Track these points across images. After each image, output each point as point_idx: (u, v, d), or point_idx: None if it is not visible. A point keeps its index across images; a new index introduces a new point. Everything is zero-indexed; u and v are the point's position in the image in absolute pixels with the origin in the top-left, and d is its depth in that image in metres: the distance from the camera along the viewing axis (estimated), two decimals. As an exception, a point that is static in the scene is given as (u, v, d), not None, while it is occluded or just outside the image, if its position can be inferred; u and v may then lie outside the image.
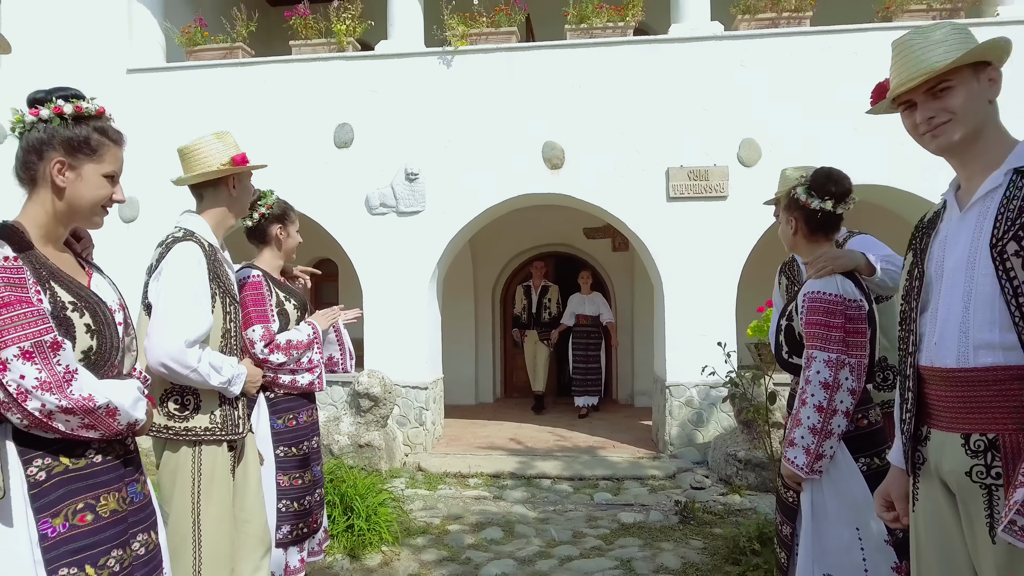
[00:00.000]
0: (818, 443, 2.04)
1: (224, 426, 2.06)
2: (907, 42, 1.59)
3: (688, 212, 5.80)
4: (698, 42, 5.86)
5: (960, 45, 1.53)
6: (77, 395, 1.35)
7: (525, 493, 4.97)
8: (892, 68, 1.65)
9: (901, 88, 1.57)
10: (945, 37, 1.55)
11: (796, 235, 2.25)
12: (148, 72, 6.50)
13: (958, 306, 1.42)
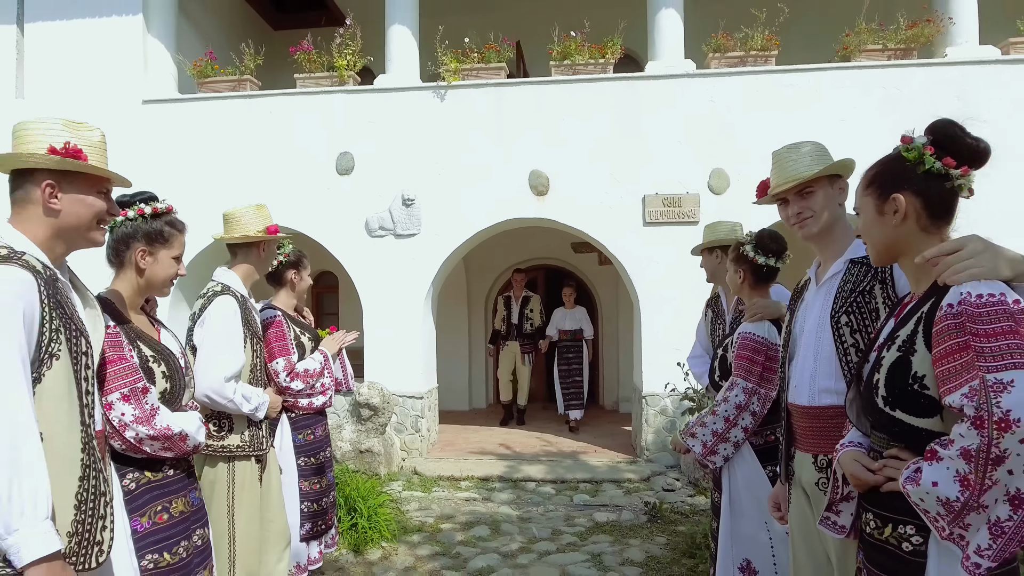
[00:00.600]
0: (714, 443, 2.57)
1: (252, 444, 2.55)
2: (784, 155, 2.11)
3: (662, 236, 6.30)
4: (672, 79, 6.36)
5: (821, 161, 2.05)
6: (159, 426, 1.84)
7: (511, 495, 5.46)
8: (772, 172, 2.16)
9: (778, 189, 2.08)
10: (811, 152, 2.07)
11: (743, 283, 2.76)
12: (162, 103, 6.97)
13: (810, 359, 1.92)
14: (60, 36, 7.09)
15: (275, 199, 6.70)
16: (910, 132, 1.54)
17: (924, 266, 1.44)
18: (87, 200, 1.61)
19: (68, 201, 1.57)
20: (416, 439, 6.54)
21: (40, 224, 1.55)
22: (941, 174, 1.44)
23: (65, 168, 1.55)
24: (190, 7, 7.64)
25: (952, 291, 1.33)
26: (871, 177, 1.56)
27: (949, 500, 1.22)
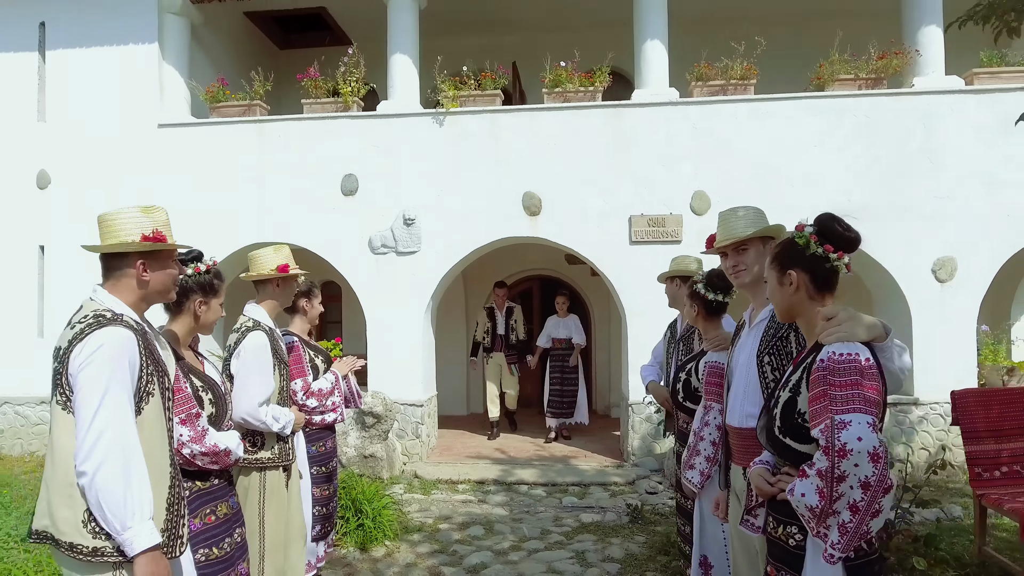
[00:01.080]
0: (709, 468, 2.94)
1: (280, 456, 2.96)
2: (727, 215, 2.53)
3: (647, 254, 6.71)
4: (656, 107, 6.78)
5: (756, 224, 2.47)
6: (209, 444, 2.25)
7: (505, 497, 5.88)
8: (717, 228, 2.58)
9: (719, 244, 2.50)
10: (748, 216, 2.49)
11: (698, 316, 3.18)
12: (177, 127, 7.38)
13: (741, 389, 2.34)
14: (80, 63, 7.51)
15: (284, 218, 7.17)
16: (805, 221, 1.95)
17: (812, 324, 1.86)
18: (168, 271, 2.03)
19: (155, 273, 1.99)
20: (416, 444, 6.95)
21: (132, 291, 1.96)
22: (822, 257, 1.86)
23: (154, 250, 1.96)
24: (202, 33, 8.05)
25: (824, 349, 1.74)
26: (774, 255, 1.98)
27: (813, 507, 1.63)
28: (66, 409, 1.78)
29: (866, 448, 1.57)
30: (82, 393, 1.74)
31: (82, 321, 1.83)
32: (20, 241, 7.53)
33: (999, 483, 3.78)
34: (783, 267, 1.92)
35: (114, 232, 1.95)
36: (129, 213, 1.97)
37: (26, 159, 7.54)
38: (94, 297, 1.95)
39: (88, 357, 1.75)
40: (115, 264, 1.96)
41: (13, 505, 5.22)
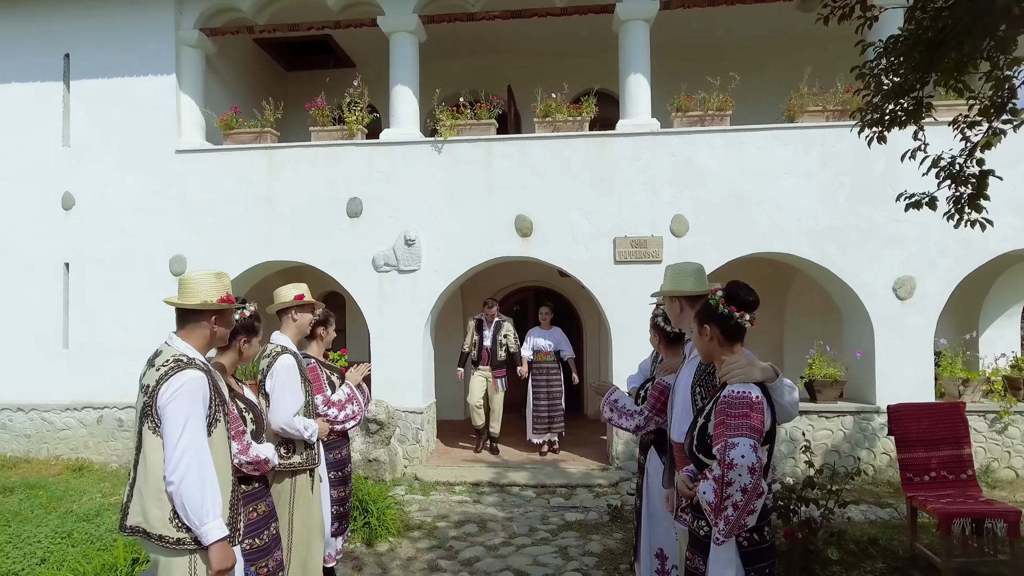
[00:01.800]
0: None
1: (308, 461, 3.50)
2: (675, 270, 3.05)
3: (630, 273, 7.25)
4: (638, 137, 7.31)
5: (699, 281, 2.99)
6: (253, 455, 2.78)
7: (497, 498, 6.41)
8: (666, 278, 3.11)
9: (667, 293, 3.03)
10: (694, 272, 3.02)
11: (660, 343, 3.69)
12: (193, 153, 7.91)
13: (679, 410, 2.87)
14: (102, 92, 8.04)
15: (293, 238, 7.70)
16: (719, 285, 2.49)
17: (717, 366, 2.40)
18: (228, 324, 2.58)
19: (220, 327, 2.53)
20: (417, 449, 7.48)
21: (203, 339, 2.50)
22: (729, 315, 2.39)
23: (225, 309, 2.50)
24: (214, 61, 8.59)
25: (727, 387, 2.28)
26: (696, 312, 2.52)
27: (710, 502, 2.17)
28: (155, 433, 2.30)
29: (747, 464, 2.10)
30: (169, 422, 2.27)
31: (165, 364, 2.36)
32: (46, 259, 8.06)
33: (927, 487, 4.32)
34: (701, 322, 2.46)
35: (195, 293, 2.47)
36: (206, 278, 2.51)
37: (52, 182, 8.07)
38: (171, 343, 2.47)
39: (173, 394, 2.28)
40: (192, 318, 2.49)
41: (51, 506, 5.74)
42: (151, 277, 7.86)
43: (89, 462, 7.78)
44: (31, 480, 6.75)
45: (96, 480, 7.08)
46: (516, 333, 7.99)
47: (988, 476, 6.79)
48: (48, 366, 8.02)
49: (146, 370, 2.42)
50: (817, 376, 7.14)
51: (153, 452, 2.29)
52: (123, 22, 8.00)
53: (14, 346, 8.07)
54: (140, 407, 2.36)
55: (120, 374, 7.78)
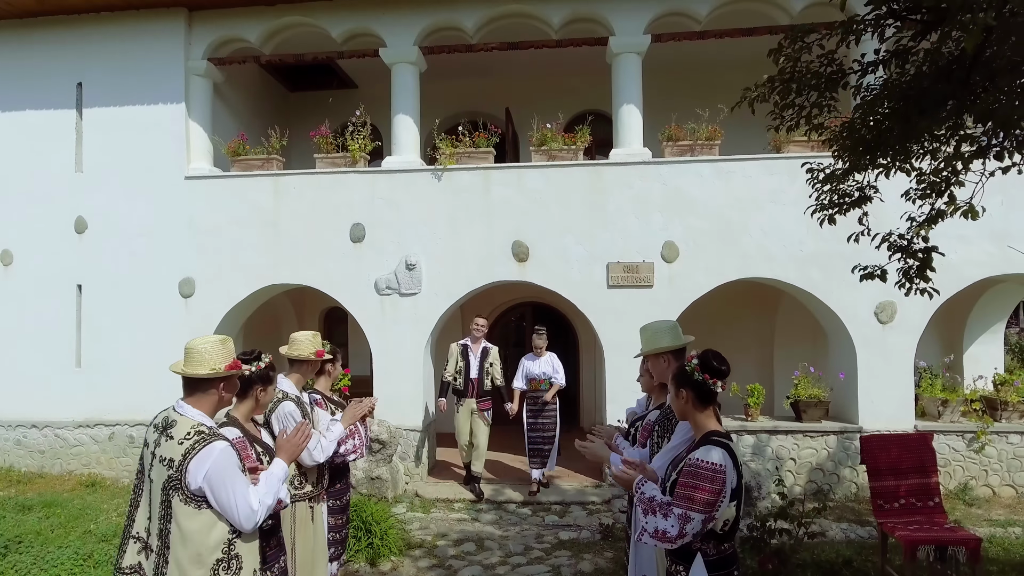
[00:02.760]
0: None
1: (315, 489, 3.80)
2: (652, 330, 3.33)
3: (623, 297, 7.53)
4: (630, 166, 7.60)
5: (675, 337, 3.27)
6: None
7: (495, 516, 6.69)
8: (643, 340, 3.39)
9: (647, 352, 3.31)
10: (668, 329, 3.30)
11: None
12: (202, 179, 8.20)
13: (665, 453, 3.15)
14: (114, 119, 8.33)
15: (298, 262, 7.99)
16: (694, 354, 2.77)
17: (697, 426, 2.68)
18: (234, 387, 2.84)
19: (228, 392, 2.80)
20: (417, 465, 7.77)
21: (212, 404, 2.75)
22: (702, 382, 2.67)
23: (232, 376, 2.77)
24: (223, 88, 8.87)
25: (692, 453, 2.56)
26: (672, 376, 2.80)
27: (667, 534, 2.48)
28: (188, 504, 2.55)
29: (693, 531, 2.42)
30: (219, 489, 2.53)
31: (188, 438, 2.59)
32: (60, 280, 8.35)
33: (896, 513, 4.60)
34: (678, 385, 2.74)
35: (203, 361, 2.73)
36: (212, 346, 2.76)
37: (65, 206, 8.36)
38: (183, 412, 2.69)
39: (210, 468, 2.54)
40: (201, 386, 2.73)
41: (70, 525, 6.03)
42: (161, 299, 8.14)
43: (101, 478, 8.07)
44: (47, 497, 7.03)
45: (109, 496, 7.36)
46: (501, 364, 7.52)
47: (966, 494, 7.07)
48: (61, 384, 8.31)
49: (160, 439, 2.64)
50: (802, 397, 7.42)
51: (187, 520, 2.54)
52: (134, 52, 8.28)
53: (29, 364, 8.36)
54: (162, 479, 2.58)
55: (131, 392, 8.08)
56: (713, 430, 2.68)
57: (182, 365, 2.75)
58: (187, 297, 8.15)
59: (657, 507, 2.58)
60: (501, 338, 11.11)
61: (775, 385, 8.91)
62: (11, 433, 8.42)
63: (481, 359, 7.33)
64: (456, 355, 7.35)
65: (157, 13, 8.22)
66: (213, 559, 2.61)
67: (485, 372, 7.31)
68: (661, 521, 2.53)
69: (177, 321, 8.10)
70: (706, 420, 2.71)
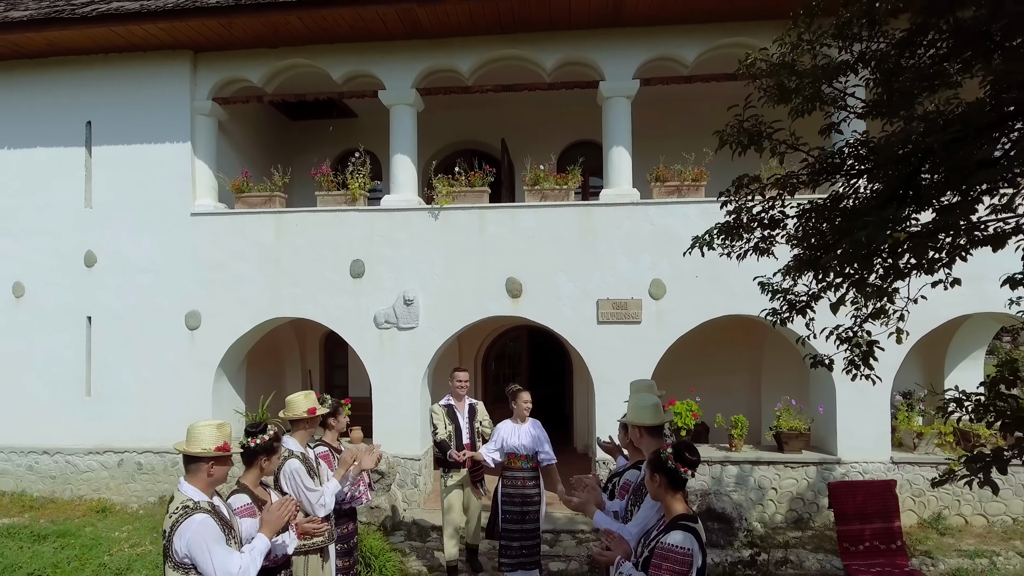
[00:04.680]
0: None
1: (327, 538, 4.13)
2: (637, 402, 3.65)
3: (612, 332, 7.85)
4: (619, 206, 7.92)
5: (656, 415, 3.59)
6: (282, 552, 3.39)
7: (488, 545, 7.00)
8: (629, 408, 3.70)
9: (629, 422, 3.64)
10: (651, 407, 3.62)
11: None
12: (208, 216, 8.50)
13: (641, 519, 3.47)
14: (122, 157, 8.63)
15: (300, 296, 8.30)
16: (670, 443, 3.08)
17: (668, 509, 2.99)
18: (225, 468, 3.16)
19: (218, 469, 3.11)
20: (415, 493, 8.09)
21: (204, 482, 3.08)
22: (674, 469, 2.99)
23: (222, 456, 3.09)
24: (227, 125, 9.18)
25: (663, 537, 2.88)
26: (648, 462, 3.11)
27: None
28: (175, 570, 2.90)
29: None
30: (197, 556, 2.87)
31: (175, 512, 2.95)
32: (70, 312, 8.65)
33: (861, 555, 4.93)
34: (652, 470, 3.06)
35: (196, 441, 3.07)
36: (207, 429, 3.10)
37: (75, 241, 8.67)
38: (181, 489, 3.06)
39: (190, 537, 2.87)
40: (194, 463, 3.07)
41: (84, 557, 6.34)
42: (167, 330, 8.46)
43: (111, 503, 8.38)
44: (61, 526, 7.34)
45: (119, 523, 7.67)
46: (490, 419, 6.42)
47: (939, 523, 7.39)
48: (72, 412, 8.62)
49: (165, 514, 3.03)
50: (784, 428, 7.75)
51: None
52: (142, 92, 8.58)
53: (40, 392, 8.68)
54: (161, 549, 2.94)
55: (138, 420, 8.40)
56: (682, 514, 2.99)
57: (184, 444, 3.10)
58: (193, 329, 8.45)
59: None
60: (498, 358, 11.45)
61: (762, 412, 9.24)
62: (23, 459, 8.73)
63: (470, 419, 6.16)
64: (443, 418, 6.10)
65: (164, 55, 8.53)
66: None
67: (477, 434, 6.15)
68: None
69: (183, 352, 8.42)
70: (676, 504, 3.02)
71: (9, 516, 7.96)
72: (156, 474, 8.49)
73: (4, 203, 8.80)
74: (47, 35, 8.10)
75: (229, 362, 8.58)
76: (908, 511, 7.44)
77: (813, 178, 3.69)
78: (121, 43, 8.35)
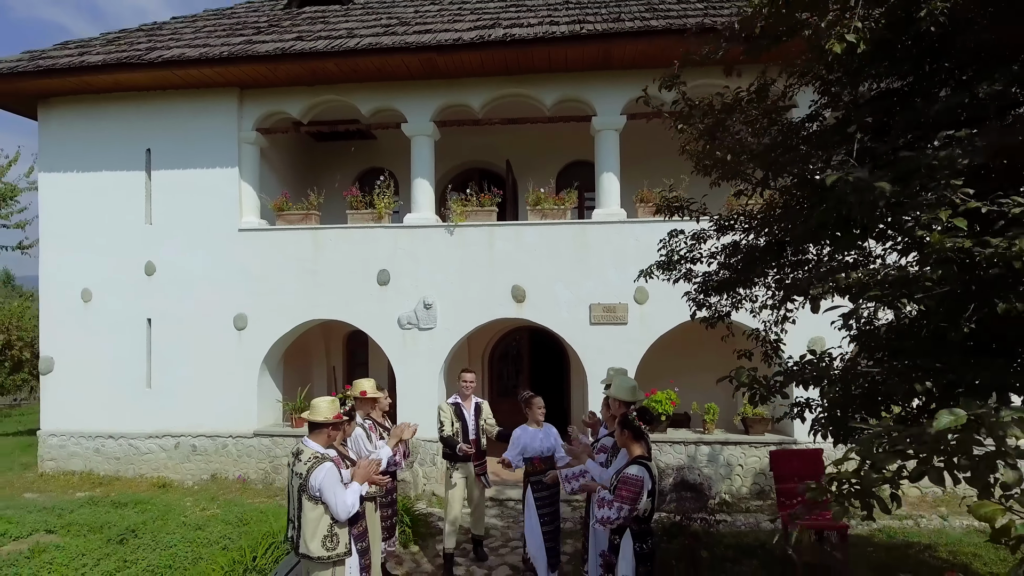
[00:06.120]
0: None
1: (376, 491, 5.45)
2: (619, 382, 4.98)
3: (603, 333, 9.17)
4: (609, 224, 9.24)
5: (633, 393, 4.92)
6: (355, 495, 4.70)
7: (498, 511, 8.33)
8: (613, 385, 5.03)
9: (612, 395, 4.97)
10: (631, 388, 4.95)
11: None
12: (253, 231, 9.83)
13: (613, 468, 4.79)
14: (178, 181, 9.96)
15: (333, 302, 9.61)
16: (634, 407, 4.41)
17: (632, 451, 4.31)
18: (339, 431, 4.48)
19: (334, 433, 4.44)
20: (433, 470, 9.40)
21: (325, 440, 4.40)
22: (638, 426, 4.30)
23: (336, 422, 4.41)
24: (267, 151, 10.50)
25: (627, 468, 4.20)
26: (618, 421, 4.42)
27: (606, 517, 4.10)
28: (311, 501, 4.18)
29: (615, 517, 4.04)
30: (326, 492, 4.16)
31: (310, 461, 4.25)
32: (133, 315, 9.97)
33: (795, 507, 6.23)
34: (622, 427, 4.37)
35: (319, 413, 4.38)
36: (326, 404, 4.42)
37: (137, 253, 9.99)
38: (307, 445, 4.36)
39: (322, 478, 4.18)
40: (317, 427, 4.39)
41: (164, 519, 7.64)
42: (218, 331, 9.77)
43: (169, 480, 9.70)
44: (135, 496, 8.66)
45: (181, 495, 8.98)
46: (494, 417, 6.94)
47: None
48: (135, 402, 9.93)
49: (294, 462, 4.33)
50: (749, 415, 9.06)
51: (309, 511, 4.18)
52: (195, 124, 9.91)
53: (106, 385, 9.99)
54: (296, 484, 4.24)
55: (192, 409, 9.72)
56: (640, 455, 4.31)
57: (309, 414, 4.42)
58: (240, 330, 9.77)
59: (605, 503, 4.21)
60: (502, 357, 12.75)
61: (737, 401, 10.54)
62: (91, 443, 10.05)
63: (476, 417, 6.67)
64: (450, 415, 6.60)
65: (214, 91, 9.85)
66: (321, 535, 4.23)
67: (482, 431, 6.67)
68: (606, 511, 4.15)
69: (232, 350, 9.74)
70: (636, 448, 4.34)
71: (82, 491, 9.27)
72: (208, 455, 9.80)
73: (75, 220, 10.12)
74: (116, 76, 9.43)
75: (271, 359, 9.90)
76: (854, 484, 8.75)
77: (718, 232, 4.97)
78: (178, 82, 9.68)
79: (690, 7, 9.48)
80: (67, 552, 6.44)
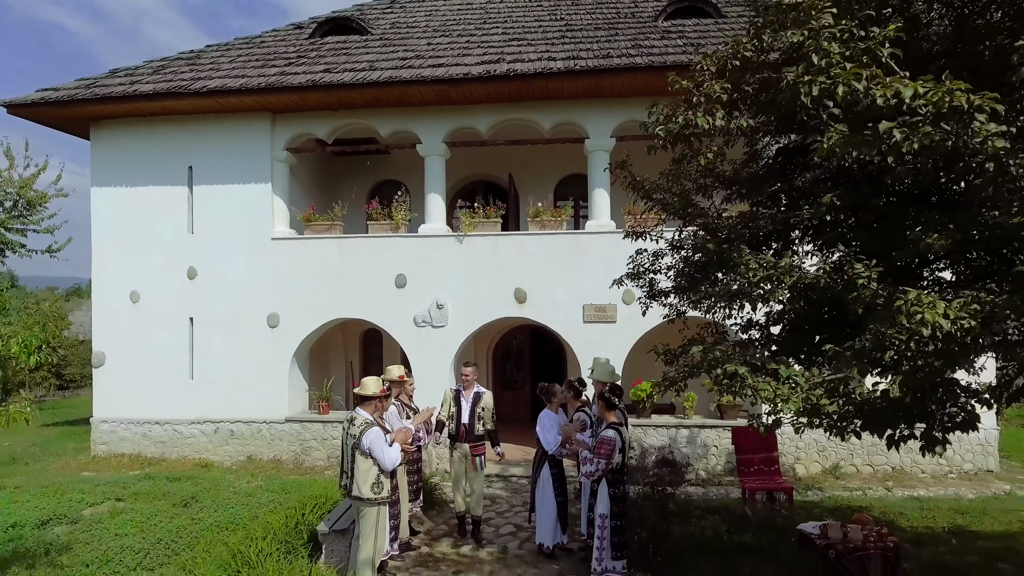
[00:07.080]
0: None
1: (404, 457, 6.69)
2: (602, 367, 6.24)
3: (594, 330, 10.40)
4: (600, 235, 10.48)
5: (613, 375, 6.19)
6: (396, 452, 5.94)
7: (503, 484, 9.56)
8: (596, 368, 6.28)
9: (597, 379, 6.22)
10: (611, 371, 6.22)
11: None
12: (284, 240, 11.06)
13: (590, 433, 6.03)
14: (216, 194, 11.19)
15: (356, 303, 10.85)
16: (608, 386, 5.65)
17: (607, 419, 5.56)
18: (386, 403, 5.73)
19: (380, 405, 5.69)
20: (445, 452, 10.63)
21: (373, 410, 5.64)
22: (611, 399, 5.54)
23: (385, 395, 5.65)
24: (294, 167, 11.74)
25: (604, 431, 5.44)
26: (597, 395, 5.67)
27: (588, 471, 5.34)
28: (362, 455, 5.40)
29: (594, 470, 5.28)
30: (375, 449, 5.39)
31: (362, 425, 5.47)
32: (177, 314, 11.20)
33: (751, 475, 7.48)
34: (599, 399, 5.61)
35: (368, 388, 5.61)
36: (374, 381, 5.65)
37: (181, 259, 11.22)
38: (359, 413, 5.58)
39: (372, 439, 5.40)
40: (367, 400, 5.62)
41: (216, 489, 8.85)
42: (253, 329, 11.00)
43: (210, 461, 10.92)
44: (184, 473, 9.88)
45: (223, 473, 10.20)
46: (493, 409, 7.41)
47: (837, 471, 9.94)
48: (179, 391, 11.16)
49: (348, 425, 5.54)
50: (723, 402, 10.30)
51: (362, 463, 5.40)
52: (232, 143, 11.14)
53: (153, 376, 11.21)
54: (351, 443, 5.44)
55: (231, 398, 10.94)
56: (613, 422, 5.55)
57: (360, 389, 5.66)
58: (273, 328, 11.00)
59: (587, 460, 5.46)
60: (505, 352, 13.98)
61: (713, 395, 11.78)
62: (139, 428, 11.27)
63: (473, 404, 7.28)
64: (449, 400, 7.39)
65: (249, 116, 11.08)
66: (371, 482, 5.47)
67: (477, 417, 7.24)
68: (589, 467, 5.41)
69: (265, 345, 10.96)
70: (610, 416, 5.59)
71: (132, 471, 10.49)
72: (244, 439, 11.03)
73: (124, 229, 11.34)
74: (164, 103, 10.66)
75: (300, 353, 11.13)
76: (814, 462, 10.01)
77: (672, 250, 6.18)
78: (218, 108, 10.91)
79: (671, 44, 10.73)
80: (141, 512, 7.67)
